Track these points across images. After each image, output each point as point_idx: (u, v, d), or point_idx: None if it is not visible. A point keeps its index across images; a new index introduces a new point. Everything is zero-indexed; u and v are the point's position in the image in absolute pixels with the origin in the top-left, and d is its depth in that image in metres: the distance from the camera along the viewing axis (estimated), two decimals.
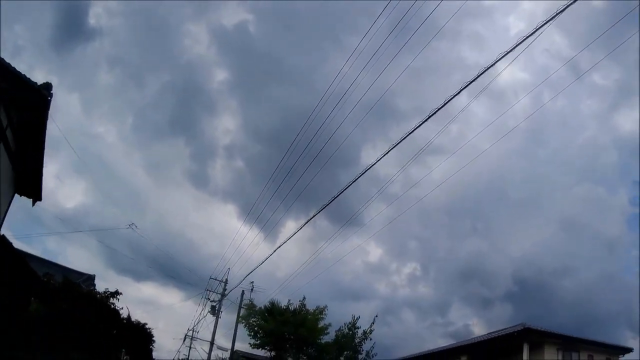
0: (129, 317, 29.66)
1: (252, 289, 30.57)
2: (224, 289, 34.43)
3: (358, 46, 13.36)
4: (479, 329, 60.90)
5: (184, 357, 45.76)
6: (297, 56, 63.90)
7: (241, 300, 30.87)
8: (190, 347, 45.23)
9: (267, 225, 34.49)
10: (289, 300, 28.47)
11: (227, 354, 33.60)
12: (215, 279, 34.69)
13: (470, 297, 64.49)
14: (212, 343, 33.75)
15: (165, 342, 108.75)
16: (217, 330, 34.12)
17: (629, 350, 23.00)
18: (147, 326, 31.09)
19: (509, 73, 66.42)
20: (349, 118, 17.16)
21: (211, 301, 34.53)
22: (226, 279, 34.40)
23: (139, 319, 30.79)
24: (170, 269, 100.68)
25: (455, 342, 30.88)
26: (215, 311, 33.52)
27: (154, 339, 34.68)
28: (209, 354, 34.01)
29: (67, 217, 43.80)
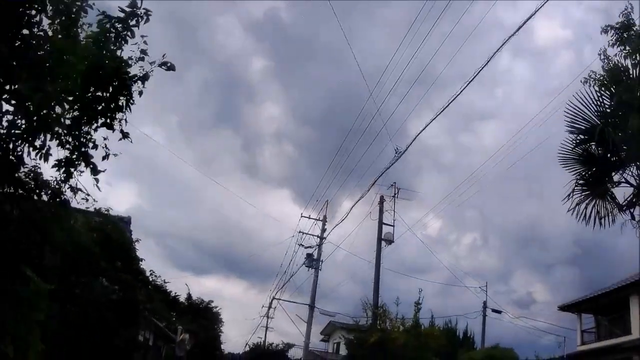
0: (189, 296, 33.01)
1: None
2: (323, 229, 25.52)
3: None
4: (541, 296, 60.21)
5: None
6: (330, 33, 64.23)
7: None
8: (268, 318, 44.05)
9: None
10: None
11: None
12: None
13: (532, 264, 63.34)
14: (312, 307, 24.93)
15: (231, 334, 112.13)
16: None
17: None
18: (212, 304, 33.99)
19: (548, 30, 63.93)
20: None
21: (305, 247, 25.63)
22: (324, 217, 26.03)
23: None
24: (231, 261, 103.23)
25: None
26: (312, 261, 24.95)
27: (221, 317, 37.00)
28: (309, 321, 24.95)
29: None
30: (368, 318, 20.35)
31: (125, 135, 5.84)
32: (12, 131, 5.06)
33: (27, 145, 5.21)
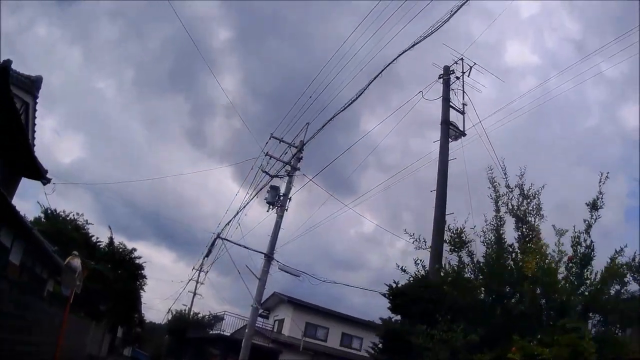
0: (111, 240, 30.28)
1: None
2: (298, 157, 18.35)
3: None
4: None
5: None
6: (296, 13, 63.87)
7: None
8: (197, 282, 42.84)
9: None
10: None
11: None
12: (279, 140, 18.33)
13: None
14: (269, 258, 17.35)
15: (154, 303, 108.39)
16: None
17: None
18: (135, 254, 32.07)
19: (517, 53, 65.46)
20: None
21: (271, 176, 18.35)
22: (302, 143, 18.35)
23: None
24: (164, 230, 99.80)
25: None
26: (275, 196, 18.03)
27: (144, 273, 34.70)
28: (262, 277, 16.98)
29: (62, 172, 44.00)
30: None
31: None
32: None
33: None
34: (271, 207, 18.33)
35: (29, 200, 39.59)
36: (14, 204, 11.72)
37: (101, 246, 29.44)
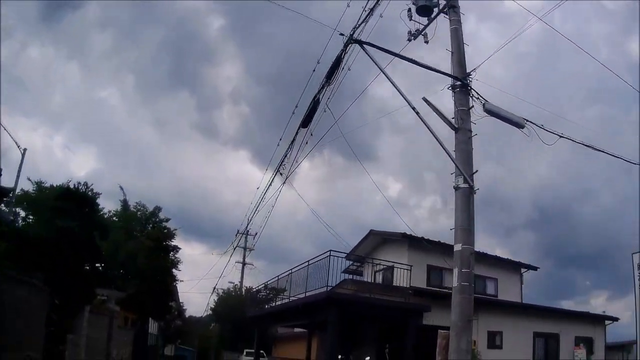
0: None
1: None
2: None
3: None
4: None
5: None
6: None
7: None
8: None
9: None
10: None
11: None
12: None
13: (493, 227, 60.70)
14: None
15: (193, 297, 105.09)
16: None
17: None
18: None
19: None
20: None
21: None
22: None
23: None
24: (191, 223, 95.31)
25: None
26: None
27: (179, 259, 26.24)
28: None
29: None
30: None
31: None
32: None
33: None
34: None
35: None
36: None
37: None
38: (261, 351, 27.37)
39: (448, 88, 8.34)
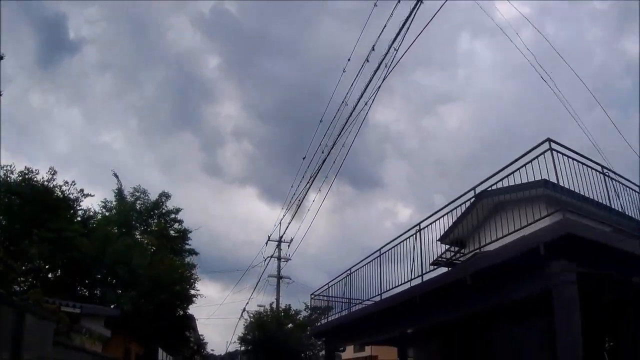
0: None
1: None
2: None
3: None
4: None
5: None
6: (282, 27, 59.26)
7: None
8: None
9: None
10: None
11: None
12: None
13: None
14: None
15: (213, 336, 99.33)
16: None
17: None
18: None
19: (506, 9, 56.69)
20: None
21: None
22: None
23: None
24: (201, 264, 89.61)
25: None
26: None
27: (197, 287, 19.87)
28: None
29: None
30: None
31: None
32: None
33: None
34: None
35: None
36: None
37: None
38: None
39: None
